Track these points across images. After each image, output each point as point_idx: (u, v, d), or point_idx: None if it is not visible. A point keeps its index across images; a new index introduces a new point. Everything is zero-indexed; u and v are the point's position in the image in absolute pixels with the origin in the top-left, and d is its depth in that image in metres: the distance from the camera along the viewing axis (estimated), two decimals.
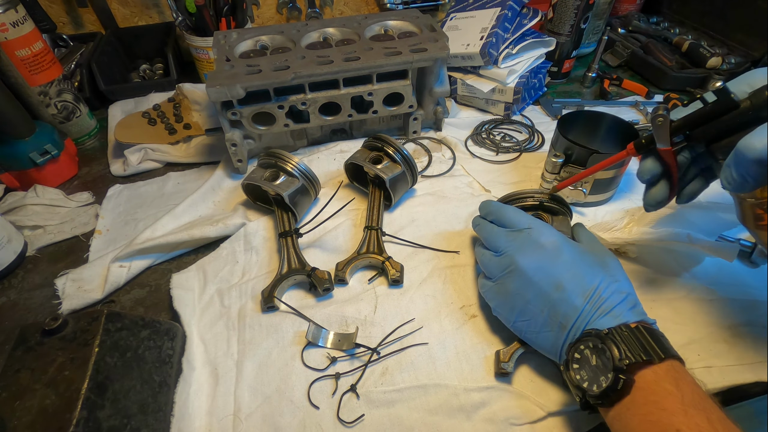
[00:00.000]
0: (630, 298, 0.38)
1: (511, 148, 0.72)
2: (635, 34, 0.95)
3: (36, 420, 0.32)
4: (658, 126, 0.38)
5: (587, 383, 0.35)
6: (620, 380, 0.33)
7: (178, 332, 0.45)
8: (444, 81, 0.69)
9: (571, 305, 0.38)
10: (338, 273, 0.51)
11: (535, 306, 0.40)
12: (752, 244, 0.51)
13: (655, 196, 0.42)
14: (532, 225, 0.43)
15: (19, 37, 0.62)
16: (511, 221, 0.45)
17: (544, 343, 0.40)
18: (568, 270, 0.40)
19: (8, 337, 0.48)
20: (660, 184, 0.42)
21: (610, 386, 0.33)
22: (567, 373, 0.37)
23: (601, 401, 0.34)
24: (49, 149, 0.64)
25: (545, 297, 0.39)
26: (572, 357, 0.37)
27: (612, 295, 0.38)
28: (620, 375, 0.33)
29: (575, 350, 0.37)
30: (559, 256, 0.41)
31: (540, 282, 0.40)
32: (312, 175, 0.59)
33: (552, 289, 0.39)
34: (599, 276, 0.39)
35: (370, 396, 0.42)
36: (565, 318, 0.38)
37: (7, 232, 0.54)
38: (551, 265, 0.40)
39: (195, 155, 0.71)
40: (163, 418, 0.39)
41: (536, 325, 0.40)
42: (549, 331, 0.39)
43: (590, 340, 0.36)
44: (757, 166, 0.31)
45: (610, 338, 0.35)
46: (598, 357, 0.35)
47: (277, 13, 1.03)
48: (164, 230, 0.57)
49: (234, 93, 0.57)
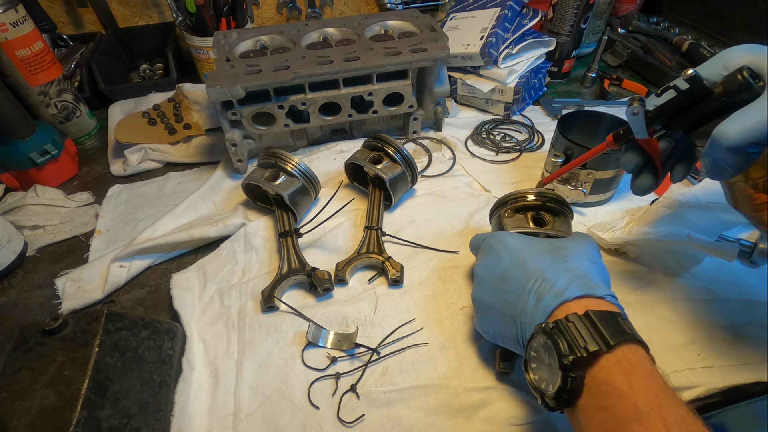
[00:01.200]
0: (578, 273, 0.35)
1: (511, 148, 0.72)
2: (635, 34, 0.95)
3: (36, 420, 0.32)
4: (633, 117, 0.37)
5: (544, 384, 0.32)
6: (568, 379, 0.30)
7: (178, 332, 0.45)
8: (444, 81, 0.69)
9: (516, 293, 0.36)
10: (338, 273, 0.51)
11: (490, 306, 0.39)
12: (752, 244, 0.51)
13: (641, 184, 0.42)
14: (488, 235, 0.44)
15: (19, 37, 0.62)
16: (474, 246, 0.47)
17: (508, 342, 0.38)
18: (513, 260, 0.39)
19: (8, 337, 0.48)
20: (644, 173, 0.41)
21: (561, 387, 0.30)
22: (526, 374, 0.34)
23: (557, 402, 0.31)
24: (49, 149, 0.64)
25: (495, 292, 0.39)
26: (529, 355, 0.34)
27: (555, 274, 0.35)
28: (569, 374, 0.30)
29: (530, 348, 0.34)
30: (503, 251, 0.40)
31: (489, 279, 0.40)
32: (312, 175, 0.58)
33: (499, 282, 0.38)
34: (545, 259, 0.38)
35: (370, 396, 0.42)
36: (512, 308, 0.36)
37: (7, 232, 0.54)
38: (496, 260, 0.40)
39: (195, 155, 0.71)
40: (163, 418, 0.39)
41: (496, 326, 0.39)
42: (506, 327, 0.37)
43: (539, 335, 0.33)
44: (733, 153, 0.30)
45: (556, 332, 0.31)
46: (549, 354, 0.32)
47: (277, 13, 1.03)
48: (164, 230, 0.57)
49: (234, 93, 0.57)
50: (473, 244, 0.47)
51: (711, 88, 0.33)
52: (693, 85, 0.34)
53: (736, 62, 0.32)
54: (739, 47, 0.33)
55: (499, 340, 0.40)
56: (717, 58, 0.34)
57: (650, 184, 0.41)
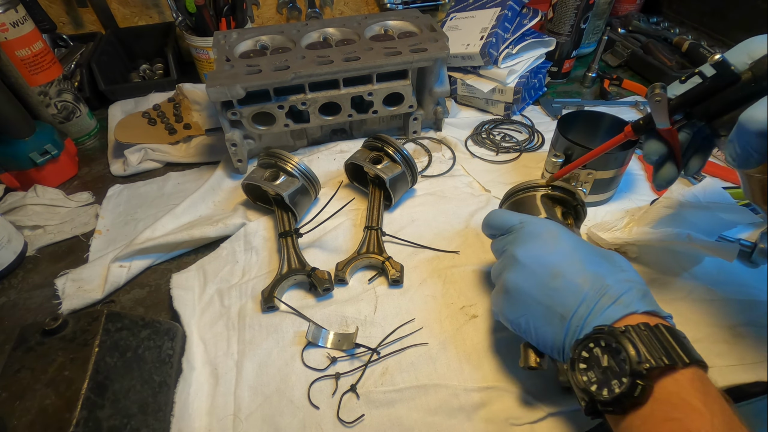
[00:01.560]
0: (639, 286, 0.35)
1: (511, 148, 0.72)
2: (635, 34, 0.95)
3: (36, 420, 0.32)
4: (656, 105, 0.36)
5: (595, 386, 0.31)
6: (638, 386, 0.29)
7: (178, 332, 0.45)
8: (444, 81, 0.69)
9: (571, 293, 0.35)
10: (338, 273, 0.51)
11: (531, 298, 0.37)
12: (752, 244, 0.51)
13: (665, 176, 0.40)
14: (524, 219, 0.41)
15: (19, 37, 0.62)
16: (501, 224, 0.43)
17: (545, 340, 0.36)
18: (567, 257, 0.37)
19: (8, 337, 0.48)
20: (668, 164, 0.40)
21: (625, 392, 0.29)
22: (573, 374, 0.33)
23: (613, 408, 0.30)
24: (49, 149, 0.64)
25: (542, 287, 0.36)
26: (578, 356, 0.33)
27: (618, 284, 0.34)
28: (638, 380, 0.29)
29: (583, 348, 0.32)
30: (556, 244, 0.38)
31: (536, 270, 0.37)
32: (312, 175, 0.59)
33: (549, 277, 0.36)
34: (602, 265, 0.36)
35: (370, 396, 0.42)
36: (563, 308, 0.35)
37: (7, 232, 0.54)
38: (548, 252, 0.37)
39: (195, 155, 0.71)
40: (163, 418, 0.39)
41: (535, 320, 0.36)
42: (548, 324, 0.35)
43: (602, 337, 0.31)
44: (761, 139, 0.29)
45: (627, 337, 0.30)
46: (610, 357, 0.31)
47: (277, 13, 1.03)
48: (164, 230, 0.57)
49: (234, 93, 0.57)
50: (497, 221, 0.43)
51: (738, 74, 0.33)
52: (720, 71, 0.33)
53: (760, 50, 0.32)
54: (762, 36, 0.33)
55: (528, 334, 0.37)
56: (740, 47, 0.34)
57: (674, 176, 0.40)
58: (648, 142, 0.40)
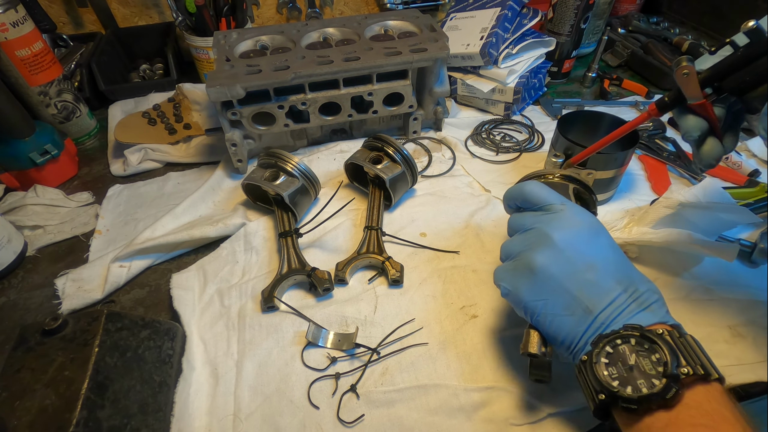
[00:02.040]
0: (663, 301, 0.35)
1: (511, 148, 0.72)
2: (635, 34, 0.95)
3: (36, 420, 0.32)
4: (684, 79, 0.34)
5: (617, 383, 0.30)
6: (671, 389, 0.28)
7: (178, 332, 0.45)
8: (444, 81, 0.69)
9: (603, 289, 0.34)
10: (338, 273, 0.51)
11: (559, 284, 0.35)
12: (752, 244, 0.51)
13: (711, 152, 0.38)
14: (566, 202, 0.39)
15: (19, 37, 0.62)
16: (540, 198, 0.39)
17: (560, 329, 0.34)
18: (604, 254, 0.36)
19: (8, 337, 0.48)
20: (710, 139, 0.38)
21: (657, 393, 0.29)
22: (594, 366, 0.31)
23: (637, 407, 0.29)
24: (49, 149, 0.64)
25: (574, 276, 0.35)
26: (602, 349, 0.32)
27: (647, 292, 0.34)
28: (672, 383, 0.28)
29: (608, 343, 0.32)
30: (596, 237, 0.36)
31: (573, 258, 0.35)
32: (312, 175, 0.58)
33: (584, 267, 0.35)
34: (634, 271, 0.36)
35: (370, 396, 0.42)
36: (592, 302, 0.34)
37: (7, 232, 0.54)
38: (587, 242, 0.36)
39: (195, 155, 0.71)
40: (163, 418, 0.39)
41: (556, 307, 0.35)
42: (570, 315, 0.34)
43: (632, 336, 0.31)
44: None
45: (665, 340, 0.30)
46: (640, 357, 0.30)
47: (277, 13, 1.03)
48: (164, 230, 0.57)
49: (234, 93, 0.57)
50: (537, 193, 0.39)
51: None
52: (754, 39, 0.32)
53: None
54: None
55: (542, 319, 0.35)
56: None
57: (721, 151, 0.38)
58: (685, 119, 0.38)
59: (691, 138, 0.38)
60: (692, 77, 0.34)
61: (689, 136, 0.38)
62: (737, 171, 0.65)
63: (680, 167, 0.65)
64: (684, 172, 0.65)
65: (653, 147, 0.68)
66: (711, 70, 0.34)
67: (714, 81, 0.34)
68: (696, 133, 0.37)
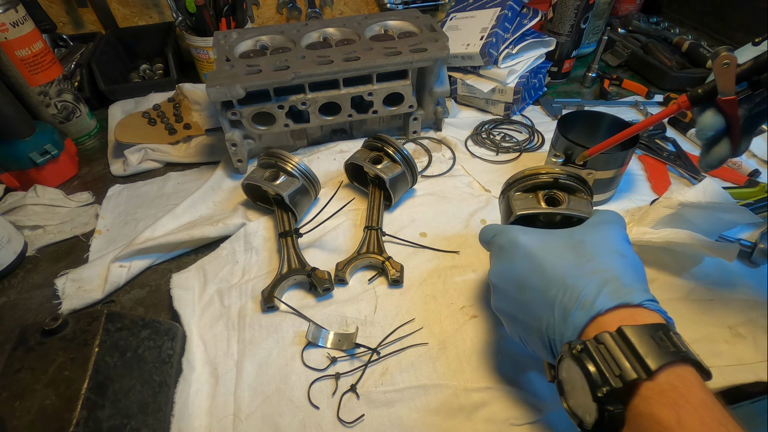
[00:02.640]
0: (607, 275, 0.31)
1: (511, 148, 0.72)
2: (635, 34, 0.95)
3: (36, 420, 0.32)
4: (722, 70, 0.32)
5: (581, 410, 0.28)
6: (605, 413, 0.26)
7: (178, 332, 0.45)
8: (444, 81, 0.69)
9: (538, 304, 0.32)
10: (338, 273, 0.51)
11: (511, 317, 0.35)
12: (752, 244, 0.51)
13: (719, 155, 0.36)
14: (498, 231, 0.39)
15: (19, 37, 0.62)
16: (483, 242, 0.42)
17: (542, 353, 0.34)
18: (528, 265, 0.34)
19: (8, 337, 0.48)
20: (723, 141, 0.36)
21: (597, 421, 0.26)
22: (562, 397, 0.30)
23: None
24: (49, 149, 0.64)
25: (512, 302, 0.35)
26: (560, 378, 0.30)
27: (579, 280, 0.31)
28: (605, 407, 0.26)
29: (561, 369, 0.30)
30: (515, 254, 0.35)
31: (504, 288, 0.35)
32: (312, 175, 0.58)
33: (516, 291, 0.34)
34: (567, 261, 0.33)
35: (370, 396, 0.42)
36: (537, 321, 0.32)
37: (7, 232, 0.54)
38: (509, 266, 0.35)
39: (195, 155, 0.71)
40: (163, 418, 0.39)
41: (524, 334, 0.35)
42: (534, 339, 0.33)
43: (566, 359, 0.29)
44: None
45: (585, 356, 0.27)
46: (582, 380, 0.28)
47: (277, 13, 1.03)
48: (164, 230, 0.57)
49: (234, 93, 0.57)
50: (483, 238, 0.41)
51: None
52: None
53: None
54: None
55: (534, 350, 0.35)
56: None
57: (728, 154, 0.36)
58: (704, 115, 0.36)
59: (704, 137, 0.36)
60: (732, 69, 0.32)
61: (704, 134, 0.36)
62: (737, 171, 0.65)
63: (680, 167, 0.65)
64: (684, 172, 0.65)
65: (653, 147, 0.68)
66: (752, 62, 0.32)
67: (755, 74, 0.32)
68: (711, 132, 0.36)
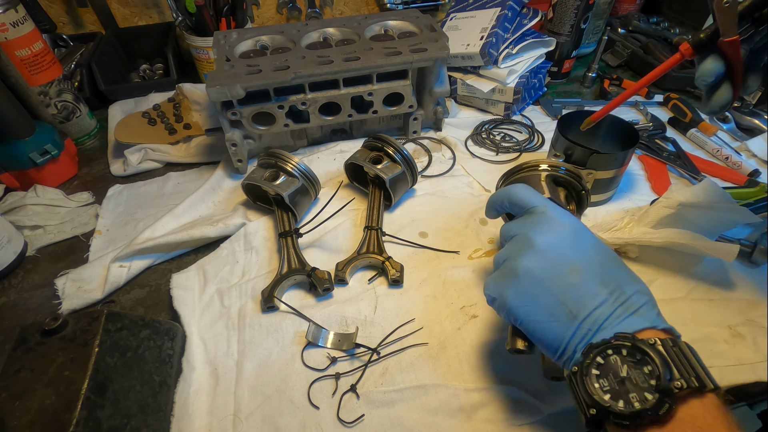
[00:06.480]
0: (653, 301, 0.33)
1: (511, 148, 0.72)
2: (635, 34, 0.95)
3: (36, 420, 0.32)
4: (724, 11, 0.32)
5: (609, 396, 0.29)
6: (664, 404, 0.27)
7: (178, 332, 0.45)
8: (444, 81, 0.69)
9: (588, 293, 0.32)
10: (338, 273, 0.51)
11: (543, 288, 0.34)
12: (752, 244, 0.51)
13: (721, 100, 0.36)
14: (548, 204, 0.38)
15: (19, 37, 0.62)
16: (523, 201, 0.39)
17: (545, 335, 0.33)
18: (588, 255, 0.34)
19: (8, 337, 0.48)
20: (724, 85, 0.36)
21: (649, 409, 0.27)
22: (585, 379, 0.30)
23: (628, 422, 0.28)
24: (49, 149, 0.64)
25: (558, 279, 0.33)
26: (592, 360, 0.30)
27: (636, 294, 0.32)
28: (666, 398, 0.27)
29: (599, 353, 0.30)
30: (579, 239, 0.35)
31: (555, 260, 0.34)
32: (312, 175, 0.58)
33: (567, 271, 0.34)
34: (621, 272, 0.34)
35: (370, 396, 0.42)
36: (577, 306, 0.32)
37: (7, 232, 0.54)
38: (569, 245, 0.35)
39: (195, 155, 0.71)
40: (163, 418, 0.39)
41: (540, 312, 0.34)
42: (554, 321, 0.33)
43: (624, 346, 0.29)
44: None
45: (657, 351, 0.28)
46: (632, 369, 0.29)
47: (277, 13, 1.03)
48: (164, 230, 0.57)
49: (234, 93, 0.57)
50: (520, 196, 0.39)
51: None
52: None
53: None
54: None
55: (525, 326, 0.34)
56: None
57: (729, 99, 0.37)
58: (705, 61, 0.36)
59: (705, 83, 0.37)
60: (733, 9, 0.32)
61: (704, 80, 0.36)
62: (737, 171, 0.65)
63: (680, 167, 0.65)
64: (684, 172, 0.65)
65: (653, 147, 0.68)
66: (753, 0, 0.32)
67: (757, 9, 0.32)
68: (711, 78, 0.36)
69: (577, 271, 0.33)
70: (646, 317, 0.31)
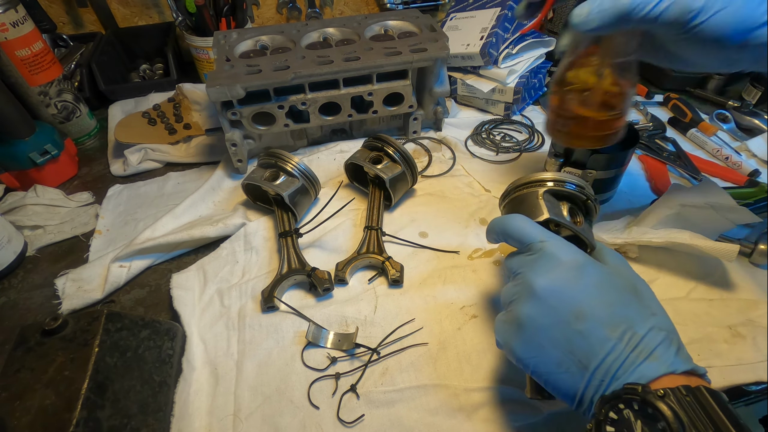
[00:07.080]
0: (673, 337, 0.31)
1: (511, 148, 0.72)
2: None
3: (36, 420, 0.32)
4: None
5: None
6: None
7: (178, 332, 0.45)
8: (444, 81, 0.69)
9: (596, 340, 0.30)
10: (338, 273, 0.51)
11: (548, 338, 0.32)
12: (752, 244, 0.51)
13: None
14: (546, 238, 0.35)
15: (19, 37, 0.62)
16: (519, 235, 0.37)
17: (557, 386, 0.32)
18: (591, 295, 0.32)
19: (8, 337, 0.48)
20: None
21: None
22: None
23: None
24: (49, 149, 0.64)
25: (562, 327, 0.32)
26: (605, 416, 0.28)
27: (650, 333, 0.30)
28: None
29: (611, 408, 0.28)
30: (580, 277, 0.33)
31: (557, 307, 0.32)
32: (312, 175, 0.58)
33: (571, 317, 0.31)
34: (631, 306, 0.32)
35: (370, 396, 0.42)
36: (586, 356, 0.30)
37: (7, 232, 0.54)
38: (570, 287, 0.33)
39: (195, 155, 0.71)
40: (163, 418, 0.39)
41: (548, 364, 0.32)
42: (563, 372, 0.31)
43: (634, 399, 0.27)
44: None
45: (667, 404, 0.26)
46: (646, 425, 0.26)
47: (277, 13, 1.03)
48: (164, 230, 0.57)
49: (234, 93, 0.57)
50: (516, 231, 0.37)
51: None
52: None
53: None
54: None
55: (537, 376, 0.33)
56: None
57: None
58: None
59: None
60: None
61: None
62: (737, 171, 0.65)
63: (680, 167, 0.65)
64: (684, 172, 0.65)
65: (653, 147, 0.68)
66: None
67: None
68: None
69: (582, 316, 0.31)
70: (662, 361, 0.29)
